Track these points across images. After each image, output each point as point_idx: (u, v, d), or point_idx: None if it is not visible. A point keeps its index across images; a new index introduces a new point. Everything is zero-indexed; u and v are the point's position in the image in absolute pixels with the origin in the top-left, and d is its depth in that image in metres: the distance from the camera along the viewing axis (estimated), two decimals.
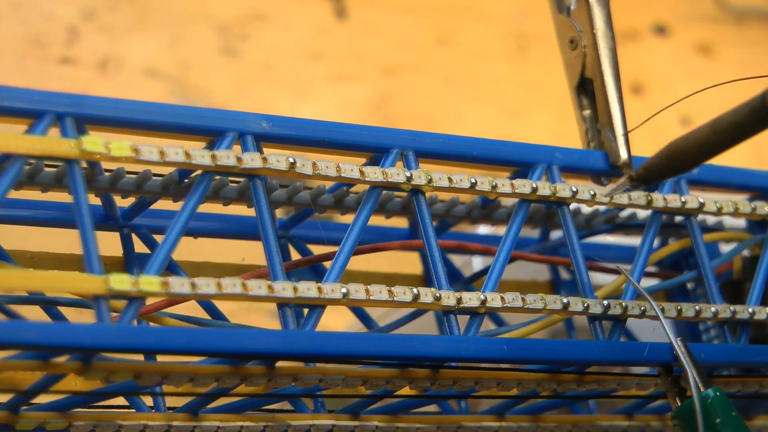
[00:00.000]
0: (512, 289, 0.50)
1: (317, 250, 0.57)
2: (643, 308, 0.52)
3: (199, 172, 0.47)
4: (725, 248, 0.60)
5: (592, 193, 0.53)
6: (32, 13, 1.29)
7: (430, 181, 0.50)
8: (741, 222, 0.61)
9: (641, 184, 0.50)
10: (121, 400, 0.51)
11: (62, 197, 0.50)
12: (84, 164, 0.48)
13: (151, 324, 0.49)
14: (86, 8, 1.31)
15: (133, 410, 0.52)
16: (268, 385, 0.47)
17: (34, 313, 0.50)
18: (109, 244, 0.52)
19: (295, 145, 0.49)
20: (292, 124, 0.49)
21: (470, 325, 0.49)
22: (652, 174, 0.49)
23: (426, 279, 0.62)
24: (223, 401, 0.52)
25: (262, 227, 0.48)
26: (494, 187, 0.51)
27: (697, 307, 0.53)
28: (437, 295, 0.48)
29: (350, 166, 0.49)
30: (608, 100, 0.54)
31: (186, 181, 0.52)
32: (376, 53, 1.41)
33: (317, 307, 0.47)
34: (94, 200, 0.52)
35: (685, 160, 0.48)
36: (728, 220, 0.61)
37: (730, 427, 0.48)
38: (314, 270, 0.57)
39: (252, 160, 0.47)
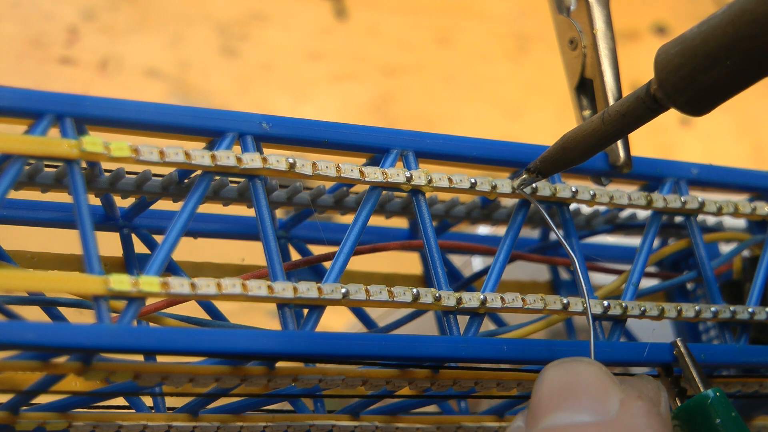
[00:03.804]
0: (512, 290, 0.50)
1: (317, 250, 0.57)
2: (642, 308, 0.52)
3: (198, 172, 0.47)
4: (725, 248, 0.60)
5: (592, 193, 0.53)
6: (32, 13, 1.29)
7: (430, 181, 0.50)
8: (741, 222, 0.61)
9: (539, 176, 0.50)
10: (121, 401, 0.51)
11: (62, 197, 0.50)
12: (84, 164, 0.48)
13: (151, 324, 0.49)
14: (86, 8, 1.31)
15: (133, 410, 0.52)
16: (268, 386, 0.47)
17: (34, 314, 0.50)
18: (109, 244, 0.52)
19: (295, 145, 0.49)
20: (292, 124, 0.49)
21: (470, 326, 0.49)
22: (547, 166, 0.50)
23: (426, 279, 0.62)
24: (223, 401, 0.52)
25: (262, 227, 0.48)
26: (494, 187, 0.51)
27: (697, 308, 0.53)
28: (437, 295, 0.48)
29: (350, 166, 0.49)
30: (608, 100, 0.54)
31: (186, 181, 0.52)
32: (376, 53, 1.41)
33: (317, 307, 0.47)
34: (94, 200, 0.52)
35: (577, 150, 0.49)
36: (728, 221, 0.61)
37: (730, 427, 0.48)
38: (314, 270, 0.57)
39: (252, 160, 0.47)
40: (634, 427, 0.44)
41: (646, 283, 0.56)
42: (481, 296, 0.49)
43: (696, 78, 0.44)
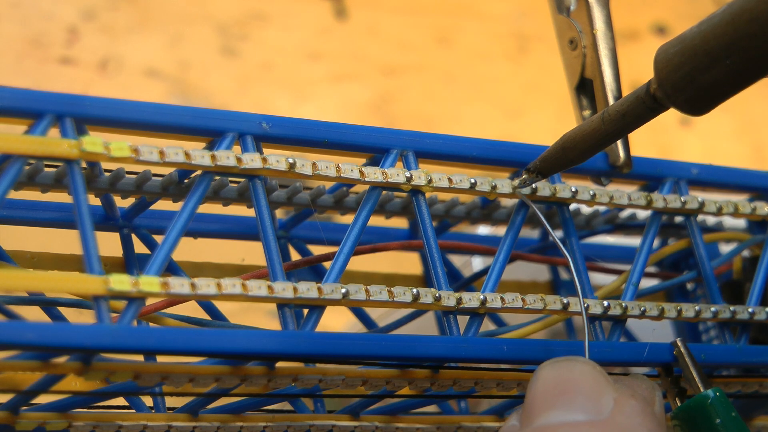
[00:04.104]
0: (512, 290, 0.50)
1: (317, 250, 0.57)
2: (642, 308, 0.52)
3: (198, 172, 0.47)
4: (725, 248, 0.60)
5: (592, 193, 0.53)
6: (32, 13, 1.29)
7: (429, 181, 0.50)
8: (741, 222, 0.61)
9: (539, 176, 0.50)
10: (121, 401, 0.51)
11: (62, 197, 0.50)
12: (84, 164, 0.48)
13: (151, 324, 0.49)
14: (86, 8, 1.31)
15: (133, 410, 0.52)
16: (268, 386, 0.47)
17: (34, 314, 0.50)
18: (109, 244, 0.52)
19: (295, 145, 0.49)
20: (291, 124, 0.49)
21: (470, 326, 0.49)
22: (547, 166, 0.50)
23: (426, 279, 0.62)
24: (223, 401, 0.52)
25: (262, 227, 0.48)
26: (494, 187, 0.51)
27: (696, 308, 0.53)
28: (437, 295, 0.48)
29: (350, 166, 0.49)
30: (608, 100, 0.54)
31: (186, 181, 0.52)
32: (376, 53, 1.41)
33: (317, 307, 0.47)
34: (94, 200, 0.52)
35: (577, 150, 0.49)
36: (728, 221, 0.61)
37: (730, 427, 0.48)
38: (314, 270, 0.57)
39: (252, 160, 0.47)
40: (627, 425, 0.44)
41: (646, 283, 0.56)
42: (481, 296, 0.49)
43: (696, 77, 0.44)
